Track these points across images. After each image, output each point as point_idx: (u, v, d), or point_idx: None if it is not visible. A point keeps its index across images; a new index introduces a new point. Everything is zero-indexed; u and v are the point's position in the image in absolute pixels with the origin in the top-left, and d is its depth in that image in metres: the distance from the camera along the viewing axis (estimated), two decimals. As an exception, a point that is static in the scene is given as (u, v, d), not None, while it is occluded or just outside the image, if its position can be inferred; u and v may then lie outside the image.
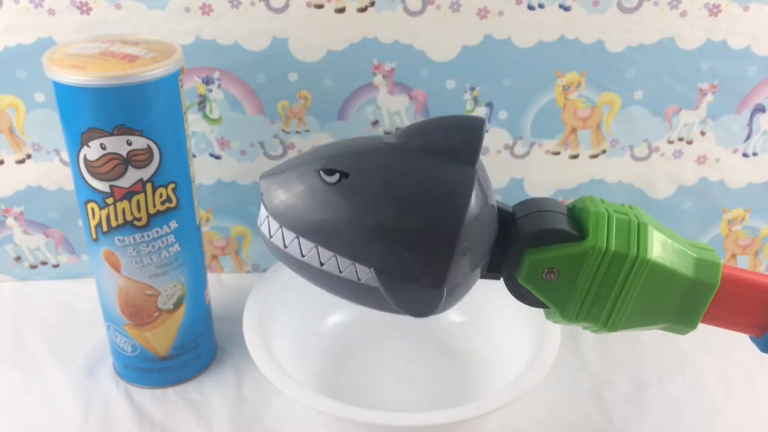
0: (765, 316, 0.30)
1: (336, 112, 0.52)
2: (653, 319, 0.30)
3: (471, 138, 0.27)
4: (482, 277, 0.31)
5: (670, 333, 0.50)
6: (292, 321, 0.48)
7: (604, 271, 0.28)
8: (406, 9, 0.49)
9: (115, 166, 0.39)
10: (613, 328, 0.30)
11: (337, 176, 0.27)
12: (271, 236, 0.29)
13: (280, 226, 0.28)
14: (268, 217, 0.29)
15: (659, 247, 0.29)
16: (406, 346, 0.50)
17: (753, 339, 0.32)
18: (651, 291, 0.29)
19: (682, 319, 0.30)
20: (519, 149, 0.54)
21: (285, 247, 0.29)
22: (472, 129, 0.27)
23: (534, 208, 0.30)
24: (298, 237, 0.28)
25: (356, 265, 0.27)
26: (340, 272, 0.28)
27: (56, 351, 0.50)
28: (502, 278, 0.31)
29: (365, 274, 0.27)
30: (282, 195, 0.28)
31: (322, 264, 0.28)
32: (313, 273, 0.29)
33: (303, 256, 0.28)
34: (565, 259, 0.28)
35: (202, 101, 0.51)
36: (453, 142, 0.27)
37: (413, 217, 0.27)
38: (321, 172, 0.27)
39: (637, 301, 0.29)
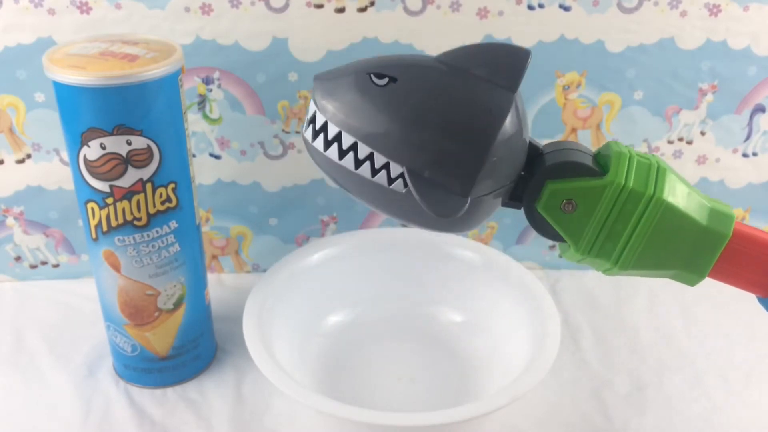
0: None
1: (336, 112, 0.52)
2: (664, 263, 0.30)
3: (516, 65, 0.29)
4: (503, 204, 0.32)
5: (669, 333, 0.50)
6: (292, 321, 0.48)
7: (621, 207, 0.29)
8: (406, 9, 0.49)
9: (115, 166, 0.39)
10: (624, 266, 0.30)
11: (386, 80, 0.29)
12: (313, 139, 0.31)
13: (326, 121, 0.30)
14: (315, 114, 0.30)
15: (675, 191, 0.30)
16: (406, 346, 0.50)
17: (759, 299, 0.32)
18: (664, 232, 0.30)
19: (691, 266, 0.30)
20: (519, 149, 0.54)
21: (327, 146, 0.30)
22: (518, 57, 0.29)
23: (562, 146, 0.32)
24: (341, 132, 0.30)
25: (390, 164, 0.29)
26: (372, 176, 0.30)
27: (56, 351, 0.50)
28: (522, 208, 0.32)
29: (397, 174, 0.29)
30: (333, 91, 0.30)
31: (359, 161, 0.30)
32: (348, 177, 0.30)
33: (343, 154, 0.30)
34: (583, 191, 0.30)
35: (202, 101, 0.51)
36: (498, 67, 0.29)
37: (451, 125, 0.28)
38: (372, 75, 0.29)
39: (649, 241, 0.30)
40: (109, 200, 0.40)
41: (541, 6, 0.49)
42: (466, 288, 0.51)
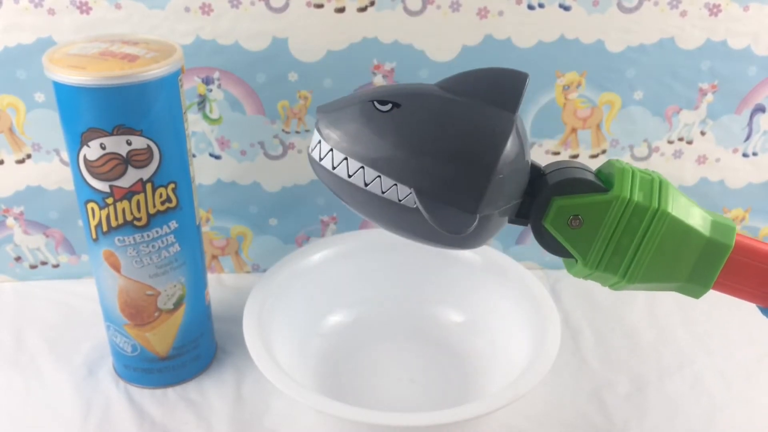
0: None
1: (336, 112, 0.52)
2: (670, 275, 0.31)
3: (515, 87, 0.30)
4: (511, 221, 0.33)
5: (669, 333, 0.50)
6: (292, 321, 0.48)
7: (627, 221, 0.30)
8: (406, 9, 0.49)
9: (115, 166, 0.39)
10: (632, 279, 0.31)
11: (389, 106, 0.30)
12: (321, 159, 0.32)
13: (331, 149, 0.31)
14: (320, 141, 0.31)
15: (678, 204, 0.31)
16: (406, 346, 0.50)
17: (761, 309, 0.33)
18: (669, 244, 0.30)
19: (696, 277, 0.31)
20: (519, 149, 0.54)
21: (333, 168, 0.31)
22: (517, 80, 0.30)
23: (564, 165, 0.33)
24: (347, 158, 0.30)
25: (398, 185, 0.30)
26: (383, 192, 0.30)
27: (56, 351, 0.50)
28: (529, 224, 0.33)
29: (405, 195, 0.30)
30: (336, 121, 0.31)
31: (366, 185, 0.30)
32: (356, 194, 0.31)
33: (350, 176, 0.31)
34: (590, 206, 0.30)
35: (202, 101, 0.51)
36: (498, 90, 0.30)
37: (456, 146, 0.29)
38: (375, 102, 0.30)
39: (655, 253, 0.30)
40: (109, 200, 0.40)
41: (541, 6, 0.49)
42: (466, 288, 0.51)
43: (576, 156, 0.54)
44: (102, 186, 0.40)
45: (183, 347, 0.46)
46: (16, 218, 0.55)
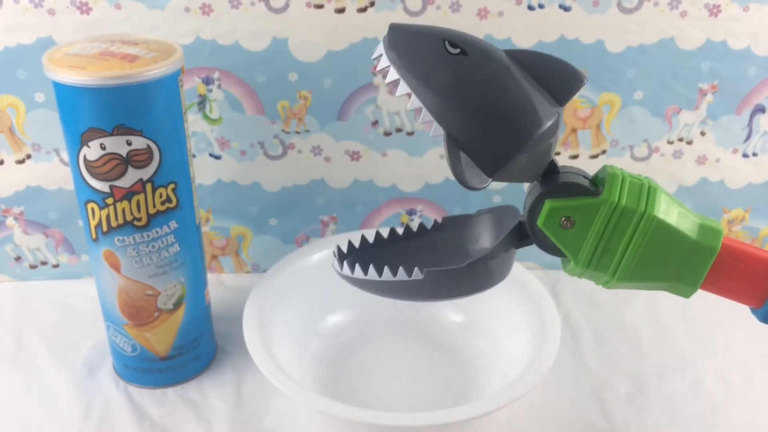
0: (763, 287, 0.32)
1: (336, 112, 0.52)
2: (658, 275, 0.33)
3: (571, 84, 0.32)
4: (516, 246, 0.35)
5: (669, 333, 0.50)
6: (292, 321, 0.48)
7: (615, 223, 0.32)
8: (406, 9, 0.49)
9: (115, 166, 0.39)
10: (621, 278, 0.32)
11: (458, 50, 0.31)
12: (351, 270, 0.34)
13: (390, 65, 0.32)
14: (381, 55, 0.32)
15: (666, 208, 0.32)
16: (406, 346, 0.50)
17: (753, 310, 0.34)
18: (656, 246, 0.32)
19: (684, 278, 0.32)
20: (519, 149, 0.54)
21: (352, 271, 0.33)
22: (576, 78, 0.32)
23: (562, 170, 0.34)
24: (400, 80, 0.31)
25: (434, 124, 0.31)
26: (394, 276, 0.33)
27: (56, 351, 0.50)
28: (533, 243, 0.34)
29: (436, 133, 0.31)
30: (405, 42, 0.32)
31: (380, 274, 0.33)
32: (376, 287, 0.33)
33: (365, 273, 0.33)
34: (580, 208, 0.32)
35: (202, 101, 0.51)
36: (556, 80, 0.32)
37: (499, 113, 0.31)
38: (446, 42, 0.31)
39: (643, 254, 0.32)
40: (109, 200, 0.40)
41: (541, 6, 0.49)
42: (466, 288, 0.51)
43: (576, 156, 0.54)
44: (102, 186, 0.40)
45: (183, 347, 0.46)
46: (16, 218, 0.55)
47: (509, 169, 0.31)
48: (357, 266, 0.33)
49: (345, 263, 0.34)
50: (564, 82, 0.32)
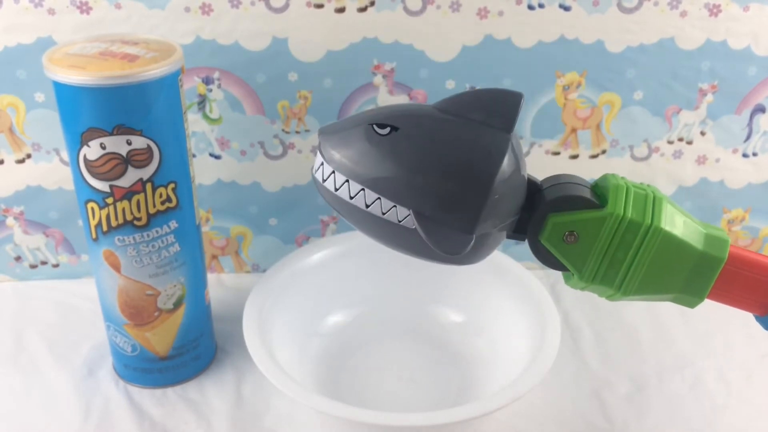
0: None
1: (336, 112, 0.52)
2: (664, 287, 0.32)
3: (510, 108, 0.31)
4: (508, 236, 0.33)
5: (669, 333, 0.50)
6: (292, 321, 0.48)
7: (620, 236, 0.31)
8: (406, 9, 0.49)
9: (115, 166, 0.39)
10: (627, 292, 0.32)
11: (388, 129, 0.31)
12: (324, 180, 0.32)
13: (333, 171, 0.31)
14: (323, 164, 0.32)
15: (672, 220, 0.31)
16: (406, 346, 0.50)
17: (757, 318, 0.34)
18: (662, 259, 0.31)
19: (691, 289, 0.32)
20: (519, 149, 0.54)
21: (336, 190, 0.32)
22: (512, 100, 0.31)
23: (560, 180, 0.33)
24: (348, 181, 0.31)
25: (398, 207, 0.30)
26: (383, 214, 0.31)
27: (56, 351, 0.50)
28: (526, 239, 0.33)
29: (404, 216, 0.31)
30: (337, 144, 0.32)
31: (367, 206, 0.31)
32: (358, 214, 0.32)
33: (351, 198, 0.31)
34: (585, 222, 0.31)
35: (202, 101, 0.51)
36: (493, 110, 0.31)
37: (453, 168, 0.30)
38: (374, 126, 0.31)
39: (649, 268, 0.31)
40: (109, 200, 0.40)
41: (541, 6, 0.49)
42: (466, 288, 0.51)
43: (576, 156, 0.54)
44: (102, 186, 0.40)
45: (183, 347, 0.46)
46: (16, 218, 0.55)
47: (487, 217, 0.30)
48: (334, 178, 0.32)
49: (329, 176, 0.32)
50: (502, 107, 0.31)
